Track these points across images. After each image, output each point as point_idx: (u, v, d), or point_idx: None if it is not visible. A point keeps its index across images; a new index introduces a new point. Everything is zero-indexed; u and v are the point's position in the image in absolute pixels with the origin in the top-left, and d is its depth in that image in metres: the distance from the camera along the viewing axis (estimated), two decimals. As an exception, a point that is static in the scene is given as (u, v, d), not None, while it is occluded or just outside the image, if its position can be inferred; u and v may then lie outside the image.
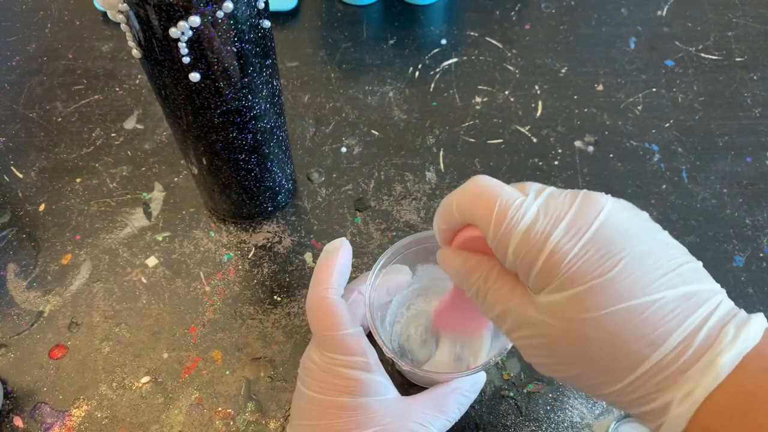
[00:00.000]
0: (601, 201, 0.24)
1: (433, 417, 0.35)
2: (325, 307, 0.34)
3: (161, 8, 0.30)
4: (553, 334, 0.24)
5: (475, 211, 0.26)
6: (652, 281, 0.23)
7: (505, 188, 0.26)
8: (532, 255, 0.24)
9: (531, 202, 0.25)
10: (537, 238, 0.24)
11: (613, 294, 0.23)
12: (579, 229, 0.24)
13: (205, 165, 0.42)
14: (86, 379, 0.43)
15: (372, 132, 0.54)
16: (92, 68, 0.58)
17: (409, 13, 0.62)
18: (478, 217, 0.26)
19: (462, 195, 0.27)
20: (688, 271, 0.24)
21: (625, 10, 0.61)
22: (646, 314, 0.22)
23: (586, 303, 0.23)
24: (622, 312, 0.23)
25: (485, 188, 0.26)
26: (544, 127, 0.54)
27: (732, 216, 0.49)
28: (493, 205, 0.25)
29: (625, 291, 0.23)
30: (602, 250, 0.23)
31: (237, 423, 0.41)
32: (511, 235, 0.24)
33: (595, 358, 0.23)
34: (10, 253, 0.48)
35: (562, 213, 0.24)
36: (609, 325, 0.23)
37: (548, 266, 0.24)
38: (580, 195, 0.25)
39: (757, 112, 0.54)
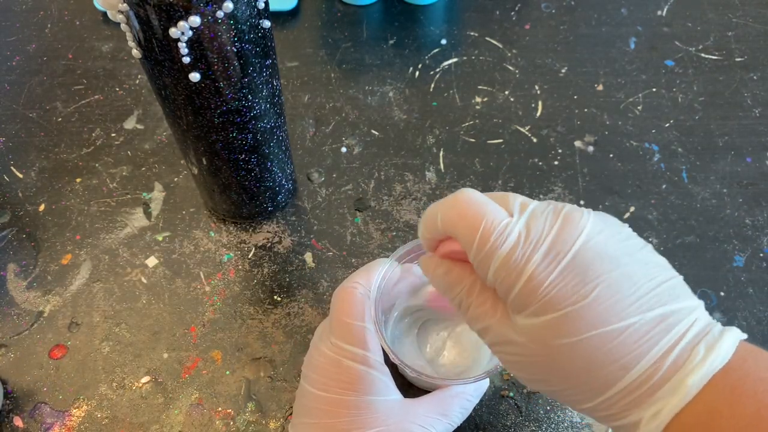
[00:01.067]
0: (581, 222, 0.25)
1: (436, 420, 0.35)
2: (351, 297, 0.35)
3: (161, 8, 0.30)
4: (530, 355, 0.25)
5: (459, 229, 0.26)
6: (627, 306, 0.23)
7: (489, 208, 0.26)
8: (511, 279, 0.24)
9: (514, 223, 0.25)
10: (516, 263, 0.24)
11: (588, 321, 0.23)
12: (557, 253, 0.24)
13: (205, 165, 0.42)
14: (86, 379, 0.43)
15: (372, 132, 0.54)
16: (92, 68, 0.58)
17: (409, 13, 0.62)
18: (462, 236, 0.26)
19: (447, 210, 0.27)
20: (665, 291, 0.24)
21: (625, 10, 0.61)
22: (619, 339, 0.23)
23: (561, 329, 0.24)
24: (595, 338, 0.23)
25: (470, 206, 0.26)
26: (544, 127, 0.54)
27: (732, 216, 0.49)
28: (478, 227, 0.25)
29: (600, 317, 0.23)
30: (579, 276, 0.24)
31: (237, 423, 0.41)
32: (492, 258, 0.25)
33: (570, 378, 0.24)
34: (10, 253, 0.48)
35: (543, 236, 0.24)
36: (583, 350, 0.23)
37: (526, 291, 0.24)
38: (561, 215, 0.25)
39: (757, 112, 0.54)
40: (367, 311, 0.35)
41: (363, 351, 0.34)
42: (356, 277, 0.36)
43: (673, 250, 0.47)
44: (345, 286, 0.36)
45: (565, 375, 0.24)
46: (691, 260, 0.47)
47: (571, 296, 0.23)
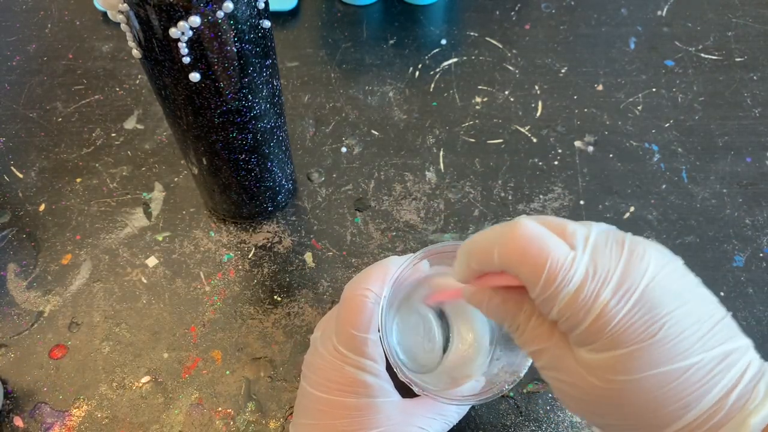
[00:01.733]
0: (646, 257, 0.24)
1: (434, 420, 0.36)
2: (360, 305, 0.34)
3: (161, 8, 0.30)
4: (589, 388, 0.25)
5: (523, 268, 0.25)
6: (691, 345, 0.23)
7: (552, 243, 0.25)
8: (579, 317, 0.24)
9: (580, 259, 0.24)
10: (585, 301, 0.24)
11: (654, 358, 0.23)
12: (627, 290, 0.24)
13: (205, 165, 0.42)
14: (86, 379, 0.43)
15: (372, 132, 0.54)
16: (92, 68, 0.58)
17: (409, 13, 0.62)
18: (525, 275, 0.25)
19: (507, 246, 0.25)
20: (724, 330, 0.24)
21: (625, 10, 0.61)
22: (683, 377, 0.23)
23: (627, 366, 0.23)
24: (660, 376, 0.23)
25: (533, 243, 0.25)
26: (544, 127, 0.54)
27: (732, 216, 0.49)
28: (543, 265, 0.24)
29: (666, 355, 0.23)
30: (648, 313, 0.23)
31: (237, 423, 0.41)
32: (559, 297, 0.24)
33: (629, 416, 0.24)
34: (10, 253, 0.48)
35: (610, 272, 0.24)
36: (646, 387, 0.23)
37: (594, 329, 0.24)
38: (625, 248, 0.24)
39: (757, 112, 0.54)
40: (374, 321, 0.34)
41: (366, 360, 0.34)
42: (369, 281, 0.35)
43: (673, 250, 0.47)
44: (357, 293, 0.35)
45: (625, 412, 0.24)
46: (691, 260, 0.47)
47: (640, 333, 0.23)
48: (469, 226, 0.49)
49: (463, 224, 0.49)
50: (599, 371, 0.24)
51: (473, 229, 0.48)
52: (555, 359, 0.26)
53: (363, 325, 0.34)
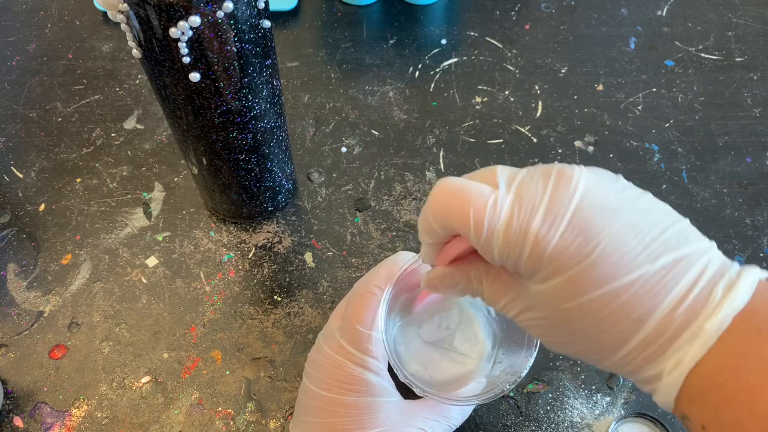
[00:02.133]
0: (574, 179, 0.24)
1: (435, 422, 0.35)
2: (367, 302, 0.35)
3: (161, 8, 0.30)
4: (547, 318, 0.25)
5: (451, 220, 0.25)
6: (633, 258, 0.22)
7: (473, 188, 0.25)
8: (516, 252, 0.24)
9: (504, 196, 0.24)
10: (516, 234, 0.23)
11: (594, 280, 0.23)
12: (555, 216, 0.23)
13: (205, 165, 0.42)
14: (86, 379, 0.43)
15: (372, 132, 0.54)
16: (92, 68, 0.58)
17: (409, 13, 0.62)
18: (458, 227, 0.25)
19: (434, 206, 0.26)
20: (672, 236, 0.23)
21: (625, 10, 0.61)
22: (629, 293, 0.22)
23: (570, 291, 0.23)
24: (604, 296, 0.23)
25: (454, 194, 0.25)
26: (544, 127, 0.54)
27: (732, 216, 0.49)
28: (468, 211, 0.24)
29: (606, 274, 0.22)
30: (581, 235, 0.23)
31: (237, 423, 0.41)
32: (492, 239, 0.24)
33: (585, 339, 0.24)
34: (10, 253, 0.48)
35: (537, 201, 0.23)
36: (593, 310, 0.23)
37: (532, 261, 0.24)
38: (552, 174, 0.24)
39: (757, 112, 0.54)
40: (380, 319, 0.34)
41: (369, 358, 0.34)
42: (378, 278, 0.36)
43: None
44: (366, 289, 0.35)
45: (580, 336, 0.24)
46: (691, 260, 0.47)
47: (575, 257, 0.23)
48: (469, 226, 0.49)
49: (463, 224, 0.49)
50: (549, 301, 0.24)
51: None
52: (518, 305, 0.26)
53: (368, 321, 0.34)
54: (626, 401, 0.41)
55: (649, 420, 0.40)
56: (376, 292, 0.35)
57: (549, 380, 0.42)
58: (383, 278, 0.35)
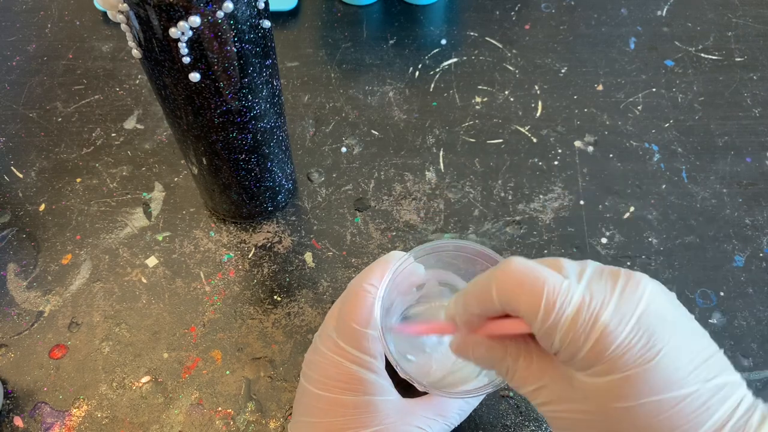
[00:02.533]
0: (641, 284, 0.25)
1: (433, 421, 0.35)
2: (362, 300, 0.35)
3: (161, 8, 0.30)
4: (588, 414, 0.25)
5: (521, 299, 0.25)
6: (687, 374, 0.23)
7: (547, 272, 0.25)
8: (580, 341, 0.24)
9: (575, 286, 0.25)
10: (585, 323, 0.24)
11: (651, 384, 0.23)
12: (624, 313, 0.24)
13: (205, 165, 0.42)
14: (86, 379, 0.43)
15: (372, 132, 0.54)
16: (92, 68, 0.58)
17: (409, 13, 0.62)
18: (524, 305, 0.25)
19: (503, 282, 0.26)
20: (717, 363, 0.24)
21: (625, 10, 0.61)
22: (679, 407, 0.23)
23: (625, 391, 0.24)
24: (657, 403, 0.23)
25: (528, 273, 0.25)
26: (544, 127, 0.54)
27: (732, 216, 0.49)
28: (540, 295, 0.24)
29: (663, 382, 0.23)
30: (645, 338, 0.23)
31: (237, 423, 0.41)
32: (560, 323, 0.24)
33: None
34: (11, 253, 0.48)
35: (607, 298, 0.24)
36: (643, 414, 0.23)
37: (595, 351, 0.24)
38: (621, 277, 0.25)
39: (757, 112, 0.54)
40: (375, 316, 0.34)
41: (366, 356, 0.34)
42: (372, 276, 0.36)
43: (673, 250, 0.47)
44: (360, 287, 0.35)
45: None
46: (691, 260, 0.47)
47: (638, 358, 0.23)
48: (469, 226, 0.49)
49: (463, 224, 0.49)
50: (598, 397, 0.24)
51: (473, 229, 0.48)
52: (553, 394, 0.26)
53: (363, 319, 0.34)
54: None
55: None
56: (371, 290, 0.35)
57: (549, 380, 0.42)
58: (377, 277, 0.36)
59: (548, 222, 0.49)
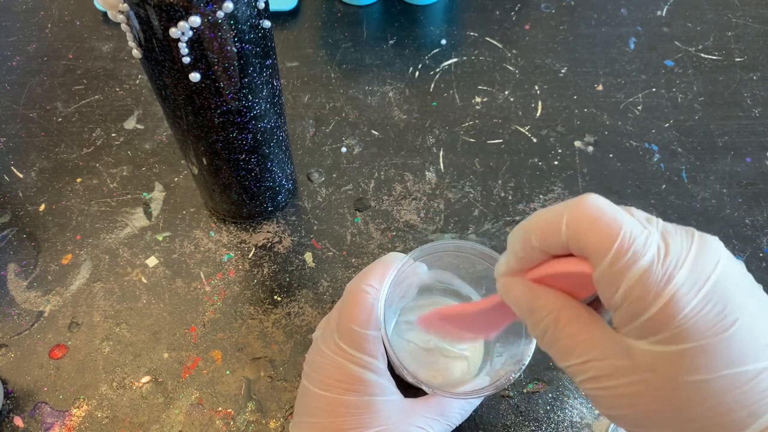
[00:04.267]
0: (718, 248, 0.22)
1: (434, 421, 0.35)
2: (361, 301, 0.34)
3: (161, 8, 0.30)
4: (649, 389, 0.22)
5: (593, 235, 0.22)
6: (763, 346, 0.21)
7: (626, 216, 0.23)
8: (647, 300, 0.21)
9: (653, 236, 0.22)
10: (657, 281, 0.21)
11: (725, 357, 0.21)
12: (699, 277, 0.21)
13: (206, 165, 0.42)
14: (86, 379, 0.43)
15: (372, 132, 0.54)
16: (92, 68, 0.58)
17: (409, 13, 0.62)
18: (595, 244, 0.22)
19: (577, 214, 0.23)
20: None
21: (625, 10, 0.61)
22: (755, 381, 0.21)
23: (696, 363, 0.21)
24: (730, 377, 0.21)
25: (606, 212, 0.22)
26: (544, 127, 0.54)
27: (732, 216, 0.49)
28: (616, 235, 0.22)
29: (738, 354, 0.21)
30: (720, 305, 0.21)
31: (237, 423, 0.41)
32: (627, 273, 0.22)
33: (690, 421, 0.22)
34: (11, 253, 0.48)
35: (682, 256, 0.22)
36: (714, 389, 0.21)
37: (662, 316, 0.21)
38: (696, 236, 0.23)
39: (757, 112, 0.54)
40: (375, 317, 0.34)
41: (367, 357, 0.34)
42: (370, 277, 0.35)
43: (672, 250, 0.47)
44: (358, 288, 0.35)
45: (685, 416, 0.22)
46: (691, 260, 0.47)
47: (711, 327, 0.21)
48: (469, 226, 0.49)
49: (463, 224, 0.49)
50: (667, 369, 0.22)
51: (473, 229, 0.48)
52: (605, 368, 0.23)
53: (363, 320, 0.34)
54: (626, 401, 0.41)
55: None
56: (370, 291, 0.35)
57: (549, 380, 0.42)
58: (376, 278, 0.35)
59: (548, 222, 0.49)
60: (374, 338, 0.34)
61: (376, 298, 0.35)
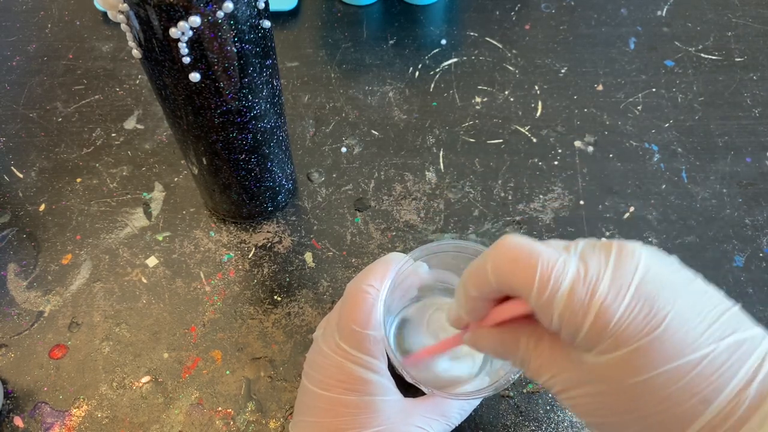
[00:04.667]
0: (636, 252, 0.24)
1: (434, 421, 0.35)
2: (362, 301, 0.34)
3: (161, 8, 0.30)
4: (604, 395, 0.24)
5: (515, 275, 0.24)
6: (699, 335, 0.22)
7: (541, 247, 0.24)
8: (578, 318, 0.23)
9: (569, 259, 0.24)
10: (581, 300, 0.23)
11: (662, 354, 0.22)
12: (620, 286, 0.23)
13: (205, 165, 0.42)
14: (86, 379, 0.43)
15: (372, 132, 0.54)
16: (92, 68, 0.58)
17: (409, 13, 0.62)
18: (519, 281, 0.24)
19: (497, 258, 0.25)
20: (731, 319, 0.23)
21: (625, 10, 0.61)
22: (697, 371, 0.22)
23: (635, 365, 0.23)
24: (671, 372, 0.22)
25: (522, 250, 0.24)
26: (544, 127, 0.54)
27: (732, 216, 0.49)
28: (534, 269, 0.24)
29: (674, 349, 0.22)
30: (647, 307, 0.22)
31: (237, 423, 0.41)
32: (555, 298, 0.23)
33: (647, 417, 0.23)
34: (11, 253, 0.48)
35: (602, 269, 0.23)
36: (659, 385, 0.22)
37: (596, 329, 0.23)
38: (614, 248, 0.24)
39: (757, 112, 0.54)
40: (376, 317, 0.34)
41: (368, 357, 0.34)
42: (370, 277, 0.35)
43: (672, 250, 0.47)
44: (359, 289, 0.35)
45: (642, 414, 0.23)
46: (691, 260, 0.47)
47: (642, 329, 0.22)
48: (469, 226, 0.49)
49: (463, 224, 0.49)
50: (611, 376, 0.23)
51: (473, 229, 0.48)
52: (566, 381, 0.25)
53: (364, 321, 0.34)
54: (626, 401, 0.41)
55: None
56: (370, 291, 0.35)
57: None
58: (376, 278, 0.35)
59: (548, 222, 0.49)
60: (374, 338, 0.34)
61: (377, 298, 0.35)
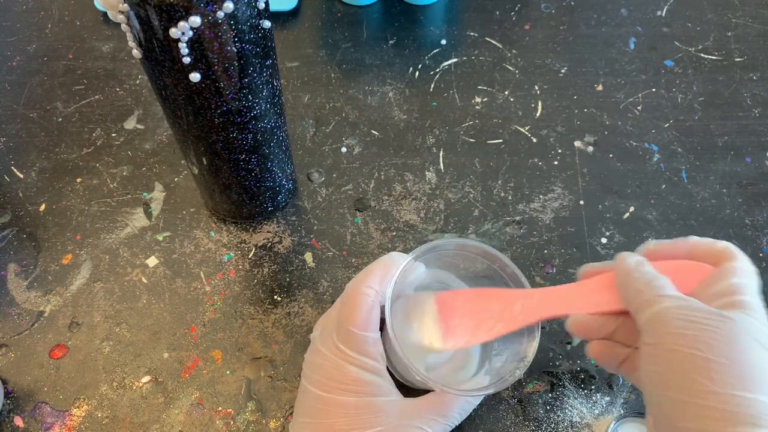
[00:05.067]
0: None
1: (434, 421, 0.35)
2: (361, 303, 0.34)
3: (162, 8, 0.30)
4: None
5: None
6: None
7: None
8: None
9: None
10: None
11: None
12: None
13: (206, 165, 0.42)
14: (86, 379, 0.43)
15: (372, 132, 0.54)
16: (92, 68, 0.58)
17: (409, 13, 0.62)
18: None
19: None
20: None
21: (625, 10, 0.61)
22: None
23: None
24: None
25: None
26: (544, 127, 0.54)
27: (731, 216, 0.49)
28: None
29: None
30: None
31: (237, 423, 0.41)
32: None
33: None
34: (11, 253, 0.48)
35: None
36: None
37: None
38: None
39: (757, 112, 0.54)
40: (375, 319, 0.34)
41: (366, 359, 0.34)
42: (370, 278, 0.35)
43: (672, 250, 0.47)
44: (358, 291, 0.35)
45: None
46: (691, 260, 0.47)
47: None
48: (469, 226, 0.49)
49: (463, 224, 0.49)
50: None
51: (473, 229, 0.48)
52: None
53: (362, 322, 0.34)
54: (626, 401, 0.41)
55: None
56: (369, 293, 0.35)
57: (548, 380, 0.42)
58: (376, 279, 0.35)
59: (548, 222, 0.49)
60: (373, 340, 0.34)
61: (376, 300, 0.35)
